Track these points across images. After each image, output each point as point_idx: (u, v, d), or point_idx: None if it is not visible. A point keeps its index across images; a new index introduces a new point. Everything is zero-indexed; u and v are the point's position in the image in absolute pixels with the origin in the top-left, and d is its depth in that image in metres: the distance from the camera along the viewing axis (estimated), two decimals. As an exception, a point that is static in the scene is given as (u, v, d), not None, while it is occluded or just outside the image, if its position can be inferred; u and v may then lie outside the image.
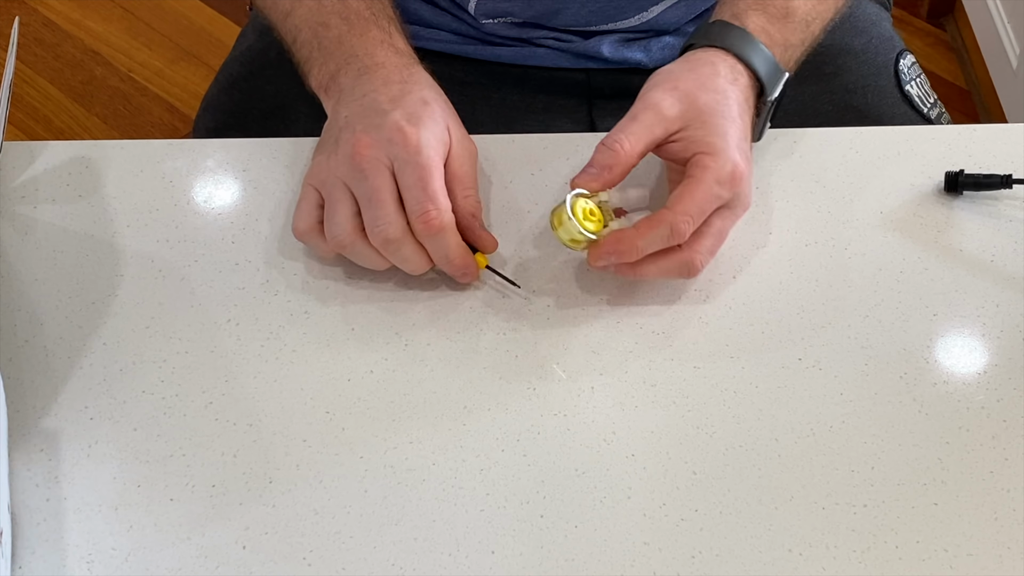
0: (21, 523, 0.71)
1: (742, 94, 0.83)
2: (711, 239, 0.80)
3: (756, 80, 0.84)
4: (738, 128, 0.81)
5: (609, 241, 0.78)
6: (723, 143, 0.79)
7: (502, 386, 0.78)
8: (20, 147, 0.90)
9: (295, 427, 0.75)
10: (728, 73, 0.83)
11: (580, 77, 1.04)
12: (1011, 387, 0.78)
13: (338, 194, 0.80)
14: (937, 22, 2.29)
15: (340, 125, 0.82)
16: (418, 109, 0.81)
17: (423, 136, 0.79)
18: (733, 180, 0.78)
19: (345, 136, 0.81)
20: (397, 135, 0.79)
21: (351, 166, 0.79)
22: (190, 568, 0.69)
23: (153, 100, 2.17)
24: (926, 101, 1.06)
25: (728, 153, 0.79)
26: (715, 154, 0.79)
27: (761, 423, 0.76)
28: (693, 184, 0.78)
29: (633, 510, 0.72)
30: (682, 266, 0.79)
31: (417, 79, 0.84)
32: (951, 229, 0.86)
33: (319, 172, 0.81)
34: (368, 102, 0.82)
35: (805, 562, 0.70)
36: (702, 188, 0.78)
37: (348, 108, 0.83)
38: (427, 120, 0.80)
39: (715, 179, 0.78)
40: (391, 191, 0.78)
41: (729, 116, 0.81)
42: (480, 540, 0.71)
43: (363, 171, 0.79)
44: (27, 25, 2.27)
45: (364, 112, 0.82)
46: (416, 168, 0.78)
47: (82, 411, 0.76)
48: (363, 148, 0.79)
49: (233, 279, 0.83)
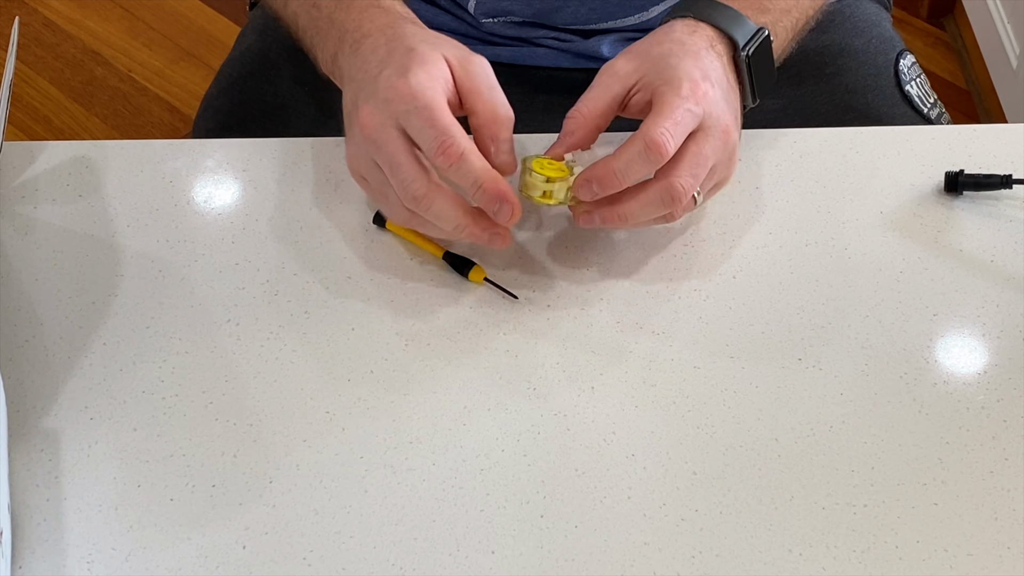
0: (21, 523, 0.71)
1: (702, 41, 0.82)
2: (689, 161, 0.78)
3: (722, 34, 0.84)
4: (697, 59, 0.80)
5: (586, 172, 0.78)
6: (675, 71, 0.79)
7: (502, 386, 0.78)
8: (20, 147, 0.90)
9: (295, 427, 0.75)
10: (683, 28, 0.83)
11: (580, 77, 1.04)
12: (1011, 387, 0.78)
13: (374, 176, 0.79)
14: (937, 22, 2.29)
15: (349, 108, 0.82)
16: (405, 60, 0.79)
17: (413, 81, 0.77)
18: (695, 95, 0.78)
19: (352, 117, 0.81)
20: (390, 92, 0.78)
21: (364, 140, 0.78)
22: (190, 568, 0.69)
23: (153, 100, 2.17)
24: (926, 101, 1.06)
25: (680, 72, 0.78)
26: (669, 80, 0.78)
27: (761, 423, 0.76)
28: (658, 105, 0.78)
29: (633, 510, 0.72)
30: (664, 194, 0.77)
31: (401, 34, 0.83)
32: (951, 229, 0.86)
33: (351, 161, 0.81)
34: (361, 76, 0.82)
35: (805, 562, 0.70)
36: (667, 103, 0.77)
37: (350, 89, 0.83)
38: (415, 66, 0.78)
39: (676, 95, 0.77)
40: (407, 151, 0.77)
41: (683, 55, 0.80)
42: (480, 540, 0.71)
43: (375, 141, 0.78)
44: (27, 25, 2.27)
45: (361, 86, 0.81)
46: (417, 112, 0.76)
47: (82, 411, 0.76)
48: (366, 119, 0.78)
49: (233, 279, 0.83)
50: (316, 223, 0.86)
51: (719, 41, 0.84)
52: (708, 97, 0.78)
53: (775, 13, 0.88)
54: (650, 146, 0.76)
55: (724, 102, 0.80)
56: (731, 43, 0.84)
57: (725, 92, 0.81)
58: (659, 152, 0.76)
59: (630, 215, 0.79)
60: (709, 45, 0.83)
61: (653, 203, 0.78)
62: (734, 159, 0.82)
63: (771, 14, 0.88)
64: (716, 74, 0.81)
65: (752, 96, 0.86)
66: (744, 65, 0.84)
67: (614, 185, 0.77)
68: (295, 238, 0.85)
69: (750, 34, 0.85)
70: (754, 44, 0.85)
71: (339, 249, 0.85)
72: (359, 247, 0.85)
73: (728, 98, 0.81)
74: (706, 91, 0.78)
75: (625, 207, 0.79)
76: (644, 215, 0.79)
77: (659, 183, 0.78)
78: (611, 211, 0.79)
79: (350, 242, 0.85)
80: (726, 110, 0.80)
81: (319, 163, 0.90)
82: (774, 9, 0.88)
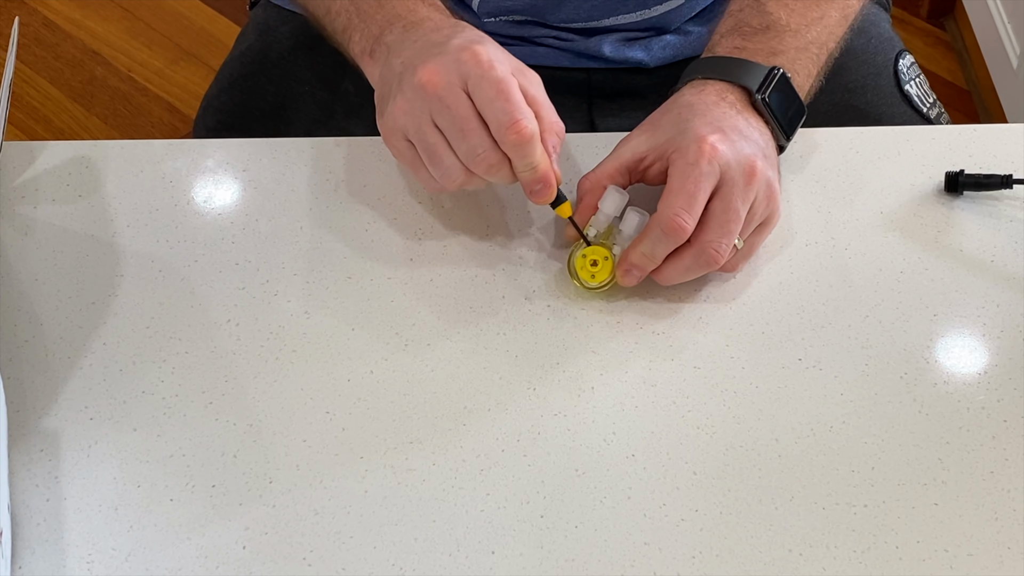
0: (21, 523, 0.71)
1: (711, 97, 0.83)
2: (717, 220, 0.78)
3: (731, 85, 0.84)
4: (705, 116, 0.81)
5: (621, 261, 0.80)
6: (684, 135, 0.79)
7: (502, 386, 0.78)
8: (20, 147, 0.90)
9: (295, 427, 0.75)
10: (691, 90, 0.84)
11: (580, 76, 1.04)
12: (1011, 387, 0.78)
13: (430, 137, 0.78)
14: (937, 22, 2.29)
15: (397, 72, 0.80)
16: (477, 35, 0.79)
17: (491, 52, 0.77)
18: (705, 154, 0.78)
19: (407, 76, 0.79)
20: (465, 54, 0.77)
21: (426, 97, 0.77)
22: (190, 568, 0.69)
23: (153, 100, 2.17)
24: (925, 101, 1.06)
25: (688, 135, 0.79)
26: (679, 147, 0.79)
27: (761, 423, 0.76)
28: (670, 179, 0.79)
29: (633, 510, 0.72)
30: (699, 257, 0.79)
31: (464, 25, 0.83)
32: (951, 229, 0.86)
33: (395, 120, 0.79)
34: (423, 44, 0.80)
35: (805, 562, 0.70)
36: (678, 175, 0.78)
37: (401, 55, 0.81)
38: (489, 44, 0.78)
39: (686, 162, 0.78)
40: (475, 116, 0.76)
41: (691, 116, 0.81)
42: (480, 540, 0.71)
43: (441, 99, 0.76)
44: (27, 25, 2.27)
45: (422, 49, 0.79)
46: (493, 82, 0.76)
47: (82, 411, 0.76)
48: (432, 75, 0.76)
49: (233, 279, 0.83)
50: (316, 223, 0.86)
51: (730, 92, 0.84)
52: (719, 150, 0.78)
53: (789, 53, 0.88)
54: (667, 230, 0.77)
55: (743, 142, 0.80)
56: (744, 91, 0.84)
57: (742, 134, 0.81)
58: (677, 233, 0.77)
59: (670, 279, 0.80)
60: (720, 98, 0.83)
61: (691, 268, 0.79)
62: (772, 195, 0.81)
63: (785, 55, 0.87)
64: (728, 122, 0.81)
65: (784, 135, 0.86)
66: (764, 107, 0.84)
67: (649, 267, 0.79)
68: (295, 238, 0.85)
69: (762, 76, 0.84)
70: (769, 85, 0.84)
71: (339, 249, 0.85)
72: (359, 247, 0.85)
73: (748, 138, 0.81)
74: (716, 143, 0.78)
75: (665, 274, 0.80)
76: (684, 278, 0.80)
77: (692, 248, 0.79)
78: (655, 276, 0.80)
79: (350, 242, 0.85)
80: (746, 151, 0.80)
81: (319, 163, 0.90)
82: (787, 50, 0.88)
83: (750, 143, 0.80)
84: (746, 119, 0.83)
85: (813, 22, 0.89)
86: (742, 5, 0.90)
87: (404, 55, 0.81)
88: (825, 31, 0.90)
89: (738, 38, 0.87)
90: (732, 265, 0.82)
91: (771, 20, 0.88)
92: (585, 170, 0.84)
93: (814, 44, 0.89)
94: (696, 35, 1.04)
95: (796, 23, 0.89)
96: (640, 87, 1.04)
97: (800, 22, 0.89)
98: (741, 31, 0.88)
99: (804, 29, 0.89)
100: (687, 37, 1.04)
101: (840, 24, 0.92)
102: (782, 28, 0.88)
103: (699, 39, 1.04)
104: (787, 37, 0.88)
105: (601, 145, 0.90)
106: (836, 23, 0.92)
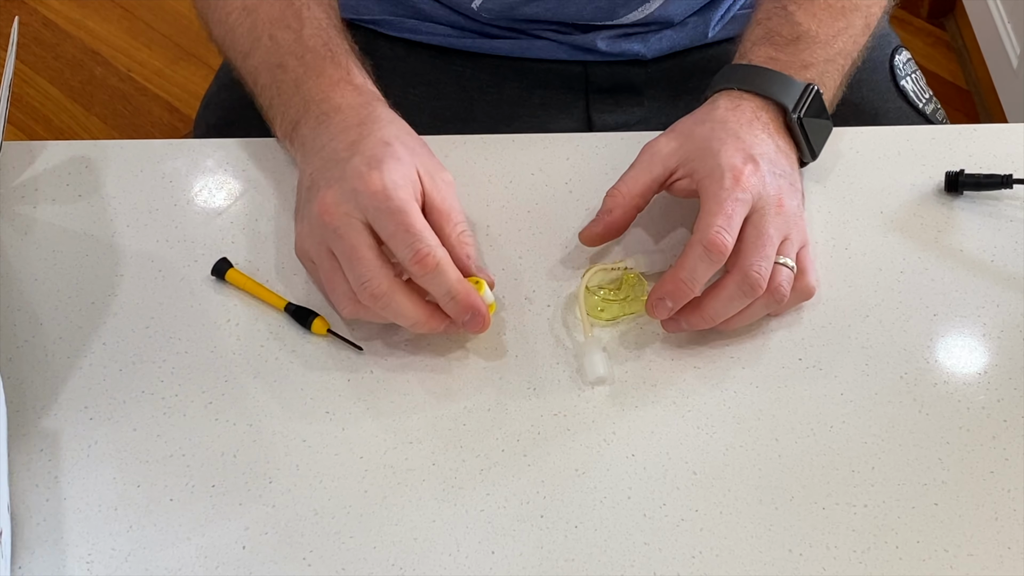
0: (21, 523, 0.71)
1: (746, 115, 0.82)
2: (753, 245, 0.77)
3: (768, 101, 0.84)
4: (739, 140, 0.80)
5: (655, 290, 0.77)
6: (717, 159, 0.79)
7: (502, 386, 0.78)
8: (20, 147, 0.90)
9: (295, 427, 0.75)
10: (727, 103, 0.83)
11: (577, 70, 1.04)
12: (1011, 387, 0.78)
13: (327, 263, 0.77)
14: (937, 22, 2.29)
15: (307, 184, 0.80)
16: (378, 151, 0.78)
17: (387, 179, 0.76)
18: (739, 183, 0.77)
19: (312, 195, 0.79)
20: (359, 183, 0.76)
21: (322, 226, 0.76)
22: (190, 568, 0.69)
23: (153, 100, 2.17)
24: (921, 96, 1.06)
25: (722, 161, 0.78)
26: (712, 172, 0.78)
27: (761, 423, 0.76)
28: (705, 201, 0.78)
29: (633, 510, 0.72)
30: (742, 284, 0.76)
31: (376, 118, 0.81)
32: (951, 229, 0.86)
33: (302, 242, 0.79)
34: (327, 154, 0.80)
35: (805, 562, 0.70)
36: (713, 198, 0.77)
37: (311, 164, 0.81)
38: (389, 161, 0.77)
39: (720, 187, 0.77)
40: (369, 244, 0.75)
41: (725, 136, 0.80)
42: (480, 540, 0.71)
43: (336, 230, 0.76)
44: (27, 25, 2.27)
45: (325, 165, 0.79)
46: (391, 214, 0.75)
47: (82, 411, 0.76)
48: (329, 205, 0.76)
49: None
50: (316, 223, 0.86)
51: (765, 110, 0.83)
52: (752, 180, 0.78)
53: (819, 65, 0.88)
54: (709, 248, 0.76)
55: (771, 175, 0.79)
56: (779, 108, 0.84)
57: (773, 163, 0.80)
58: (719, 251, 0.76)
59: (716, 315, 0.78)
60: (754, 117, 0.83)
61: (734, 297, 0.77)
62: (800, 224, 0.81)
63: (815, 67, 0.87)
64: (759, 148, 0.80)
65: (810, 153, 0.86)
66: (797, 127, 0.84)
67: (686, 294, 0.77)
68: (295, 238, 0.85)
69: (798, 94, 0.84)
70: (805, 103, 0.84)
71: (339, 249, 0.85)
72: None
73: (777, 168, 0.80)
74: (749, 175, 0.78)
75: (708, 309, 0.78)
76: (729, 310, 0.78)
77: (733, 276, 0.77)
78: (696, 316, 0.78)
79: (350, 242, 0.85)
80: (775, 183, 0.79)
81: (319, 163, 0.90)
82: (817, 62, 0.87)
83: (779, 174, 0.80)
84: (776, 144, 0.82)
85: (839, 32, 0.89)
86: (769, 13, 0.90)
87: (313, 164, 0.80)
88: (850, 41, 0.90)
89: (770, 48, 0.87)
90: (777, 301, 0.79)
91: (801, 31, 0.88)
92: (583, 172, 0.84)
93: (840, 55, 0.89)
94: (692, 26, 1.03)
95: (824, 34, 0.88)
96: (637, 82, 1.04)
97: (828, 32, 0.89)
98: (772, 41, 0.87)
99: (831, 40, 0.89)
100: (683, 28, 1.03)
101: (863, 32, 0.92)
102: (812, 39, 0.88)
103: (695, 30, 1.03)
104: (817, 49, 0.88)
105: (601, 146, 0.90)
106: (860, 32, 0.92)
